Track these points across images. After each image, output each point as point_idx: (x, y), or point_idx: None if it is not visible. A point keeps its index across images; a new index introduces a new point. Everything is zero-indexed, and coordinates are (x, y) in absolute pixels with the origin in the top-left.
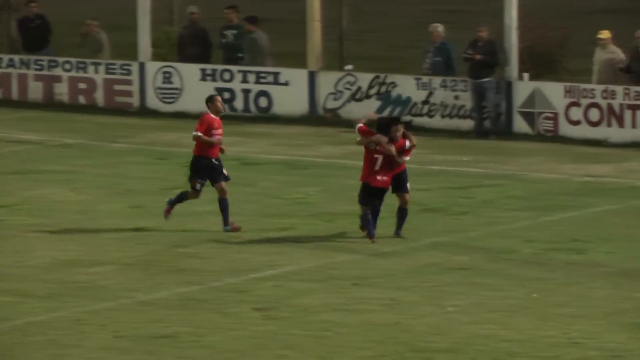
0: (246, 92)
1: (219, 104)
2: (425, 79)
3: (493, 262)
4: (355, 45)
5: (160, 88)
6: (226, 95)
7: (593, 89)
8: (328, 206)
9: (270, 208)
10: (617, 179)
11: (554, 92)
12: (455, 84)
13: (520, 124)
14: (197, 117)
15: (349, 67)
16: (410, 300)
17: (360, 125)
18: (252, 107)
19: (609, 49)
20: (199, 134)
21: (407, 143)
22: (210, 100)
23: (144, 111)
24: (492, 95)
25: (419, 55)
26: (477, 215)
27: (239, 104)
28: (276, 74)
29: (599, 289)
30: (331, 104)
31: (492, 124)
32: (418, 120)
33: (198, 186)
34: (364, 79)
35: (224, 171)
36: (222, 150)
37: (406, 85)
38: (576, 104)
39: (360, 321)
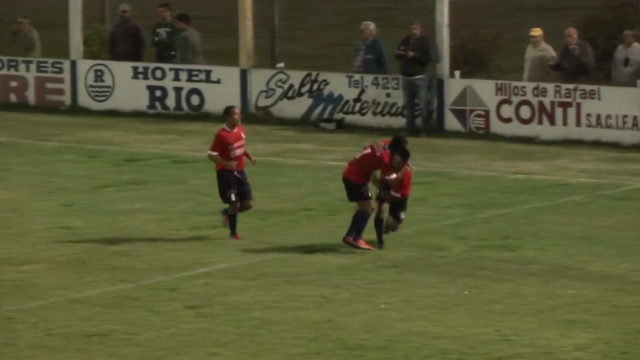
0: (178, 90)
1: (235, 116)
2: (357, 76)
3: (425, 260)
4: (287, 43)
5: (91, 86)
6: (158, 93)
7: (524, 87)
8: (260, 204)
9: (202, 206)
10: (548, 176)
11: (486, 89)
12: (387, 81)
13: (451, 122)
14: (129, 115)
15: (281, 65)
16: (343, 298)
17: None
18: (183, 105)
19: (540, 47)
20: (213, 153)
21: (392, 176)
22: (227, 112)
23: (75, 109)
24: (424, 93)
25: (350, 52)
26: (409, 212)
27: (170, 102)
28: (208, 72)
29: (530, 286)
30: (263, 102)
31: (423, 121)
32: (350, 118)
33: (233, 197)
34: (296, 76)
35: (250, 190)
36: (251, 160)
37: (338, 83)
38: (507, 102)
39: (292, 319)
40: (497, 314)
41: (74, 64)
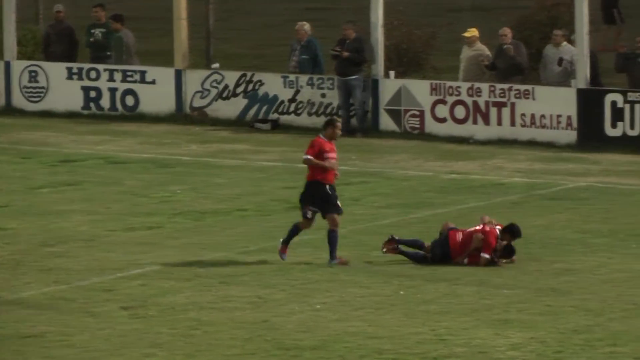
0: (112, 90)
1: (338, 131)
2: (292, 77)
3: (360, 260)
4: (222, 44)
5: (26, 87)
6: (92, 94)
7: (459, 87)
8: (195, 204)
9: (137, 207)
10: (483, 176)
11: (420, 89)
12: (322, 81)
13: (386, 122)
14: (63, 115)
15: (216, 65)
16: (278, 298)
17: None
18: (118, 105)
19: (475, 47)
20: (310, 157)
21: (486, 255)
22: (329, 124)
23: (9, 110)
24: (359, 93)
25: (285, 53)
26: (344, 212)
27: (105, 102)
28: (143, 73)
29: (465, 285)
30: (198, 103)
31: (359, 121)
32: (285, 119)
33: (309, 214)
34: (231, 77)
35: (338, 202)
36: (336, 176)
37: (273, 84)
38: (442, 102)
39: (227, 319)
40: (433, 313)
41: (7, 65)
